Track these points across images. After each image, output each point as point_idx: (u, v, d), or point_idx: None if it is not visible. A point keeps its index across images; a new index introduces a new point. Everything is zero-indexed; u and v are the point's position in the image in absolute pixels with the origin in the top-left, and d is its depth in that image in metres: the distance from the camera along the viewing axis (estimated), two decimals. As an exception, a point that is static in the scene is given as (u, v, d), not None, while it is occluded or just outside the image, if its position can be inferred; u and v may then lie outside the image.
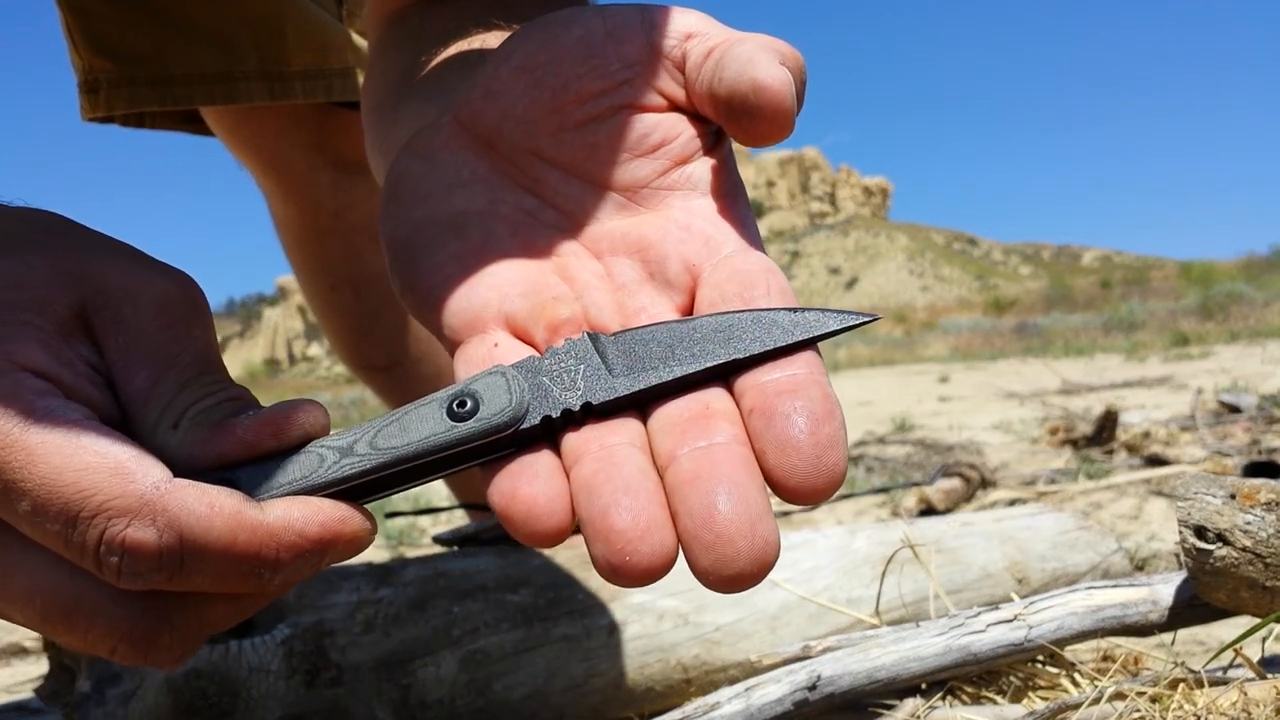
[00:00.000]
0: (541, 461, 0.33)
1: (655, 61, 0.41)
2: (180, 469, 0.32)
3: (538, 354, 0.37)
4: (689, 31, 0.41)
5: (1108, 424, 2.52)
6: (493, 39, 0.51)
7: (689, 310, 0.38)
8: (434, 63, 0.52)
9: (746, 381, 0.34)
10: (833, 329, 0.35)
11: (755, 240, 0.39)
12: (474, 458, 0.34)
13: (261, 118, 1.11)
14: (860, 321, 0.36)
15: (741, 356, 0.34)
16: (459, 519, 1.96)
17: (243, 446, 0.33)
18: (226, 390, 0.35)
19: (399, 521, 2.10)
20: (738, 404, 0.34)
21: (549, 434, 0.35)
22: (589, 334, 0.36)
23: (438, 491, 2.64)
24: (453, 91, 0.45)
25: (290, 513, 0.32)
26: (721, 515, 0.29)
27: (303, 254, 1.24)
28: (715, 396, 0.34)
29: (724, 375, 0.35)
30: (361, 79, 1.06)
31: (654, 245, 0.39)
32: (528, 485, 0.32)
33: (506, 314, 0.38)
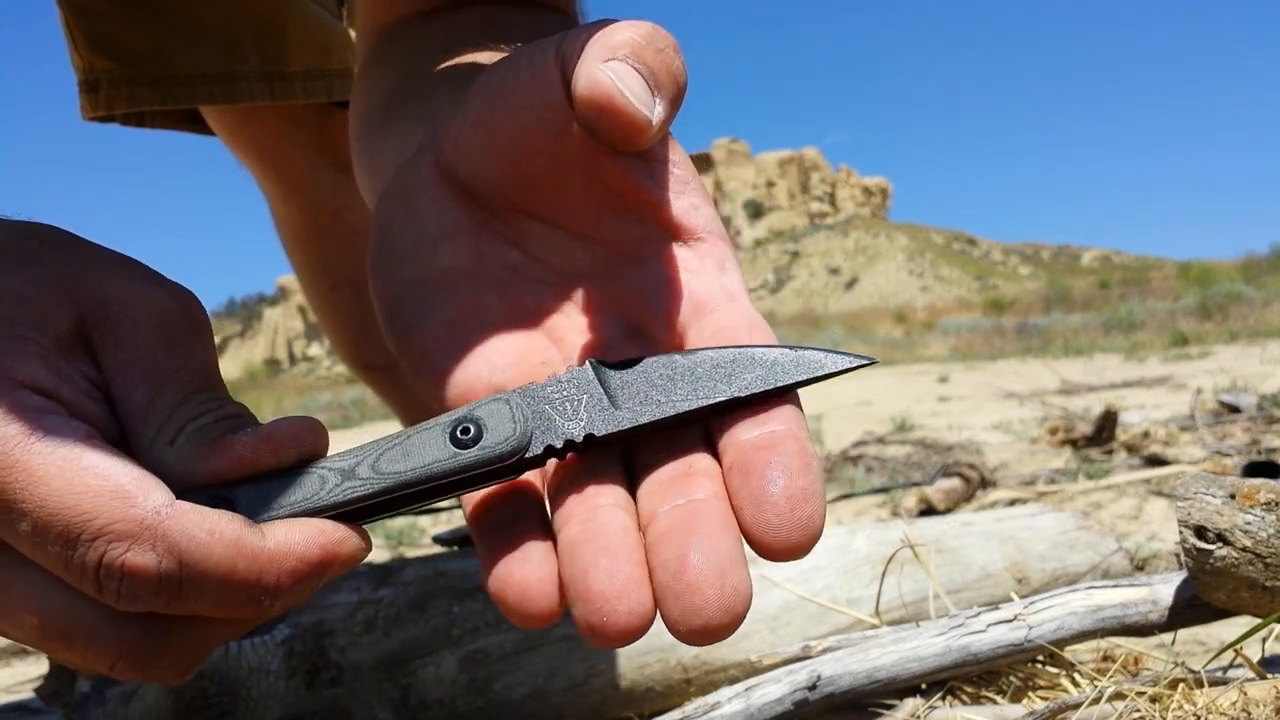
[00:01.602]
0: (534, 548, 0.33)
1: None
2: (176, 485, 0.32)
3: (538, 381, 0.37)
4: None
5: (1107, 424, 2.52)
6: (483, 58, 0.51)
7: None
8: (422, 81, 0.52)
9: (728, 439, 0.34)
10: (830, 370, 0.35)
11: (737, 288, 0.39)
12: (475, 483, 0.34)
13: (262, 117, 1.11)
14: (858, 364, 0.36)
15: (743, 394, 0.34)
16: (459, 519, 1.96)
17: (240, 464, 0.33)
18: (224, 407, 0.34)
19: (399, 521, 2.11)
20: (720, 460, 0.34)
21: (547, 460, 0.35)
22: (592, 363, 0.36)
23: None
24: (436, 120, 0.44)
25: (291, 537, 0.32)
26: (692, 566, 0.30)
27: (303, 254, 1.24)
28: (699, 457, 0.34)
29: (724, 411, 0.35)
30: None
31: (638, 301, 0.39)
32: (520, 568, 0.33)
33: (497, 385, 0.38)
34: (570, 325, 0.40)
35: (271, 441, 0.33)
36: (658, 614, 0.31)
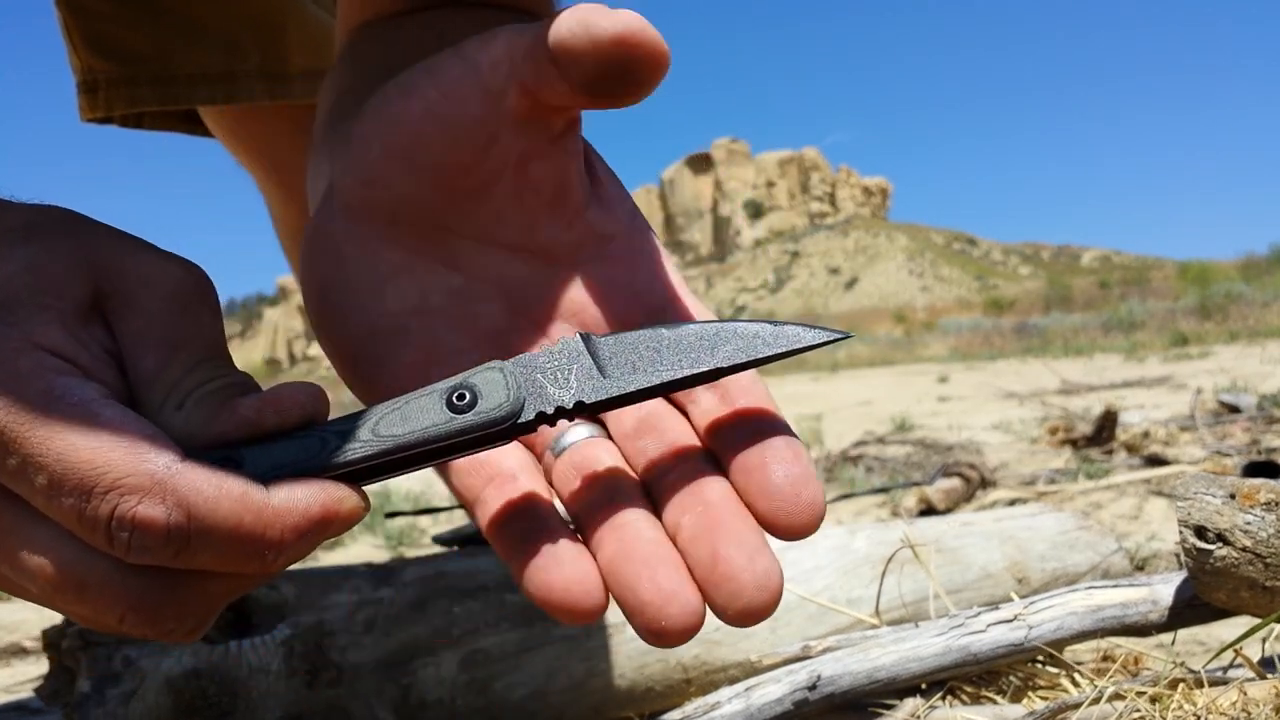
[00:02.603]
0: (564, 548, 0.35)
1: (497, 107, 0.39)
2: (184, 447, 0.33)
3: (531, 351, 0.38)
4: (501, 56, 0.38)
5: (1107, 424, 2.52)
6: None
7: None
8: (358, 100, 0.50)
9: (718, 436, 0.37)
10: (809, 343, 0.37)
11: (677, 281, 0.41)
12: (470, 447, 0.36)
13: (261, 118, 1.10)
14: (835, 338, 0.38)
15: (724, 365, 0.36)
16: (459, 519, 1.96)
17: (246, 425, 0.34)
18: (231, 375, 0.36)
19: (399, 521, 2.10)
20: (709, 442, 0.37)
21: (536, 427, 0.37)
22: (581, 334, 0.37)
23: (438, 492, 2.63)
24: (340, 157, 0.44)
25: (294, 494, 0.33)
26: (724, 558, 0.33)
27: (302, 254, 1.24)
28: (700, 463, 0.37)
29: (706, 381, 0.37)
30: None
31: (585, 308, 0.41)
32: (559, 572, 0.34)
33: None
34: (527, 341, 0.41)
35: (275, 404, 0.34)
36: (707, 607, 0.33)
